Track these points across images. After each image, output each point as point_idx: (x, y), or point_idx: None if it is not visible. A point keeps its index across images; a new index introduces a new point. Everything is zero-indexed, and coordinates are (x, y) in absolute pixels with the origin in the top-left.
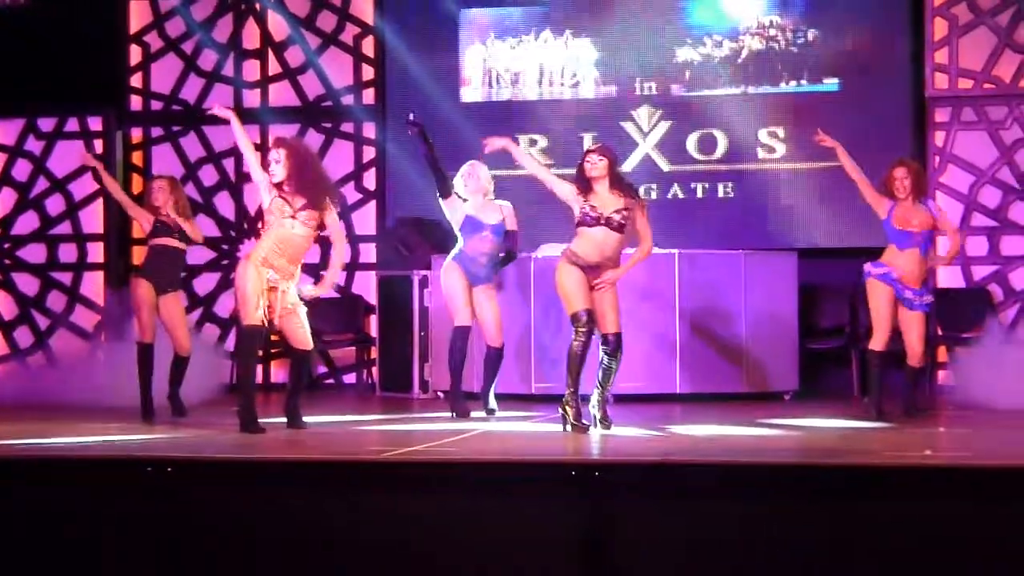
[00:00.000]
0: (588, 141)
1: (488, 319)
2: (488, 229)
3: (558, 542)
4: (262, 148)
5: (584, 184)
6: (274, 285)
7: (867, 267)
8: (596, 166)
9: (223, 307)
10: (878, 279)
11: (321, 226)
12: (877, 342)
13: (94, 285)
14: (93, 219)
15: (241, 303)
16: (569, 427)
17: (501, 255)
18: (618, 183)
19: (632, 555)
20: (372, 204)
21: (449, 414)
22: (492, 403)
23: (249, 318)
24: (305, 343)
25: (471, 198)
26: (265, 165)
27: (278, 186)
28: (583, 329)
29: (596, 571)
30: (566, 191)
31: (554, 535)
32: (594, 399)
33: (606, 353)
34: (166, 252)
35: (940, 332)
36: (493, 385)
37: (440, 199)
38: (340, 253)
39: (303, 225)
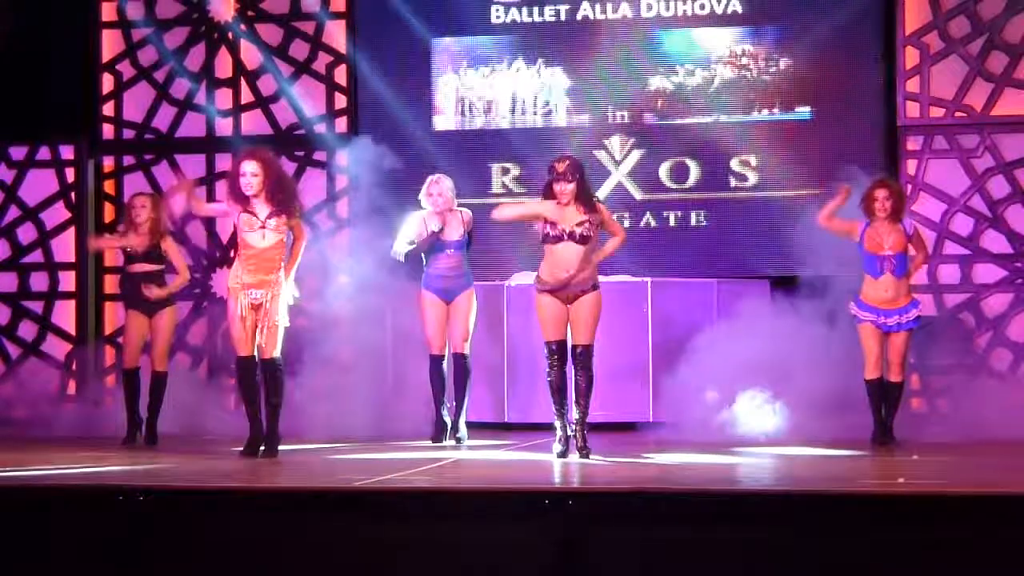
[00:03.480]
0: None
1: (456, 324)
2: (452, 246)
3: (532, 571)
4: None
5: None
6: (258, 303)
7: (852, 310)
8: (565, 193)
9: (196, 335)
10: (862, 320)
11: (289, 228)
12: (868, 371)
13: (66, 314)
14: (65, 248)
15: (231, 337)
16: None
17: (467, 268)
18: (581, 197)
19: None
20: (345, 232)
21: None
22: (462, 431)
23: (237, 351)
24: (266, 352)
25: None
26: (235, 188)
27: (243, 202)
28: (551, 360)
29: None
30: (546, 209)
31: (528, 564)
32: (575, 422)
33: (573, 366)
34: (146, 276)
35: (913, 360)
36: (463, 411)
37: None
38: (297, 252)
39: (273, 233)
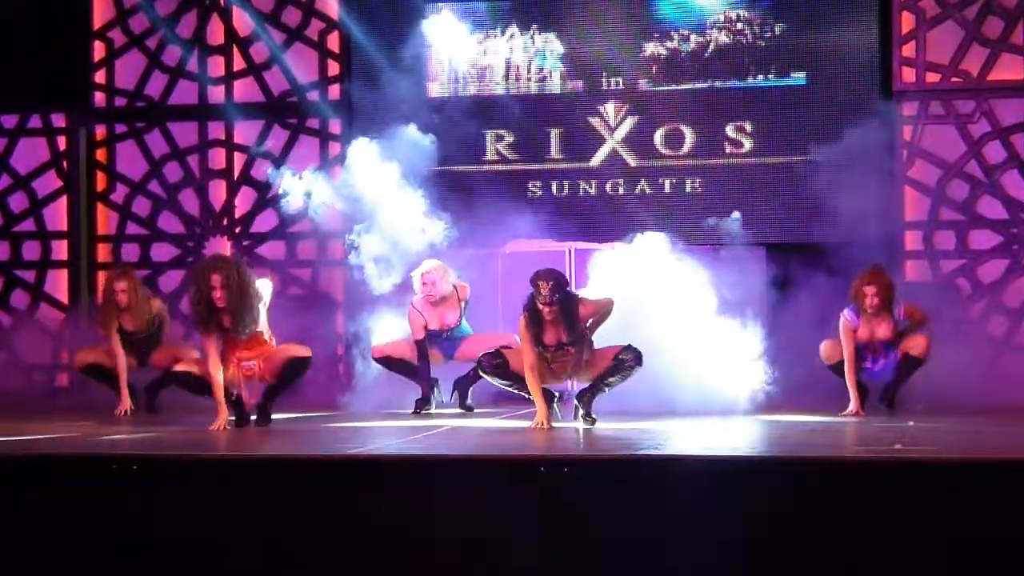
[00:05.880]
0: (555, 136)
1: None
2: (447, 331)
3: (528, 537)
4: (227, 144)
5: (535, 319)
6: (250, 372)
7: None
8: (549, 312)
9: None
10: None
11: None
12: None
13: (58, 282)
14: (57, 216)
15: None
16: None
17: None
18: (563, 316)
19: (602, 550)
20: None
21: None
22: (469, 400)
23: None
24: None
25: (426, 304)
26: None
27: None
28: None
29: (567, 566)
30: (533, 343)
31: (524, 530)
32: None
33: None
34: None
35: None
36: (474, 384)
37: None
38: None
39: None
